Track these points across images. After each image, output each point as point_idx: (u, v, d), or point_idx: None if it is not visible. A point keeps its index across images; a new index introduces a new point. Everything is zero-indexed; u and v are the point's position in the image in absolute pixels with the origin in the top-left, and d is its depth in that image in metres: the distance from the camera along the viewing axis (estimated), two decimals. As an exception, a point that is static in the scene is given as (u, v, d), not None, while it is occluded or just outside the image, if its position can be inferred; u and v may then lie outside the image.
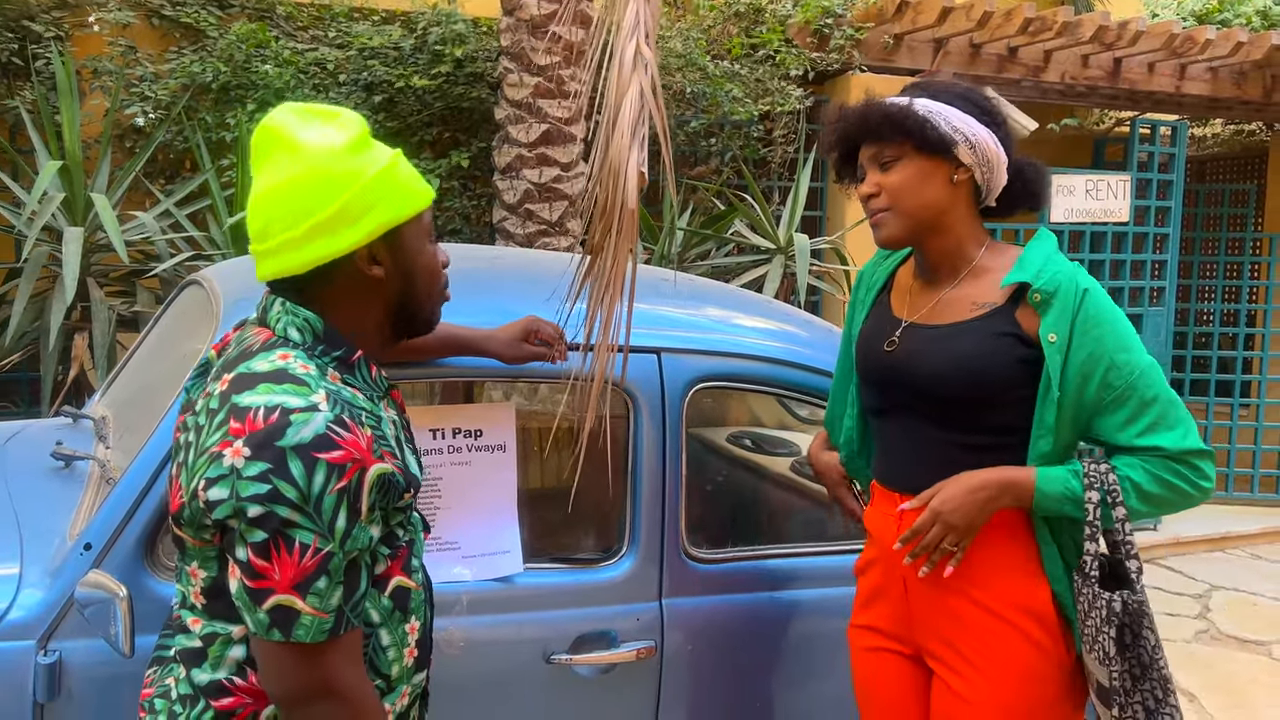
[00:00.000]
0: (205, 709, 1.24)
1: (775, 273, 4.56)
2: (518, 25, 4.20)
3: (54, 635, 1.62)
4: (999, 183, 1.66)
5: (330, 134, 1.25)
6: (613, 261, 1.55)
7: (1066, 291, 1.56)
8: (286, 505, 1.11)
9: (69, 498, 1.90)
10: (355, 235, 1.24)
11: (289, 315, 1.26)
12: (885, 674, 1.78)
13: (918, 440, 1.69)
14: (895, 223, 1.66)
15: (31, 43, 4.14)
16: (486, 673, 1.85)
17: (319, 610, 1.14)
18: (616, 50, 1.56)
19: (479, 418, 1.90)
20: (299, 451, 1.12)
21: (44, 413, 3.59)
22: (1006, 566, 1.63)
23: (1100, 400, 1.56)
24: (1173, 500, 1.58)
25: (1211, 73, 6.17)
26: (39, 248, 3.62)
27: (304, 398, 1.15)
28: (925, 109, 1.61)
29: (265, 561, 1.12)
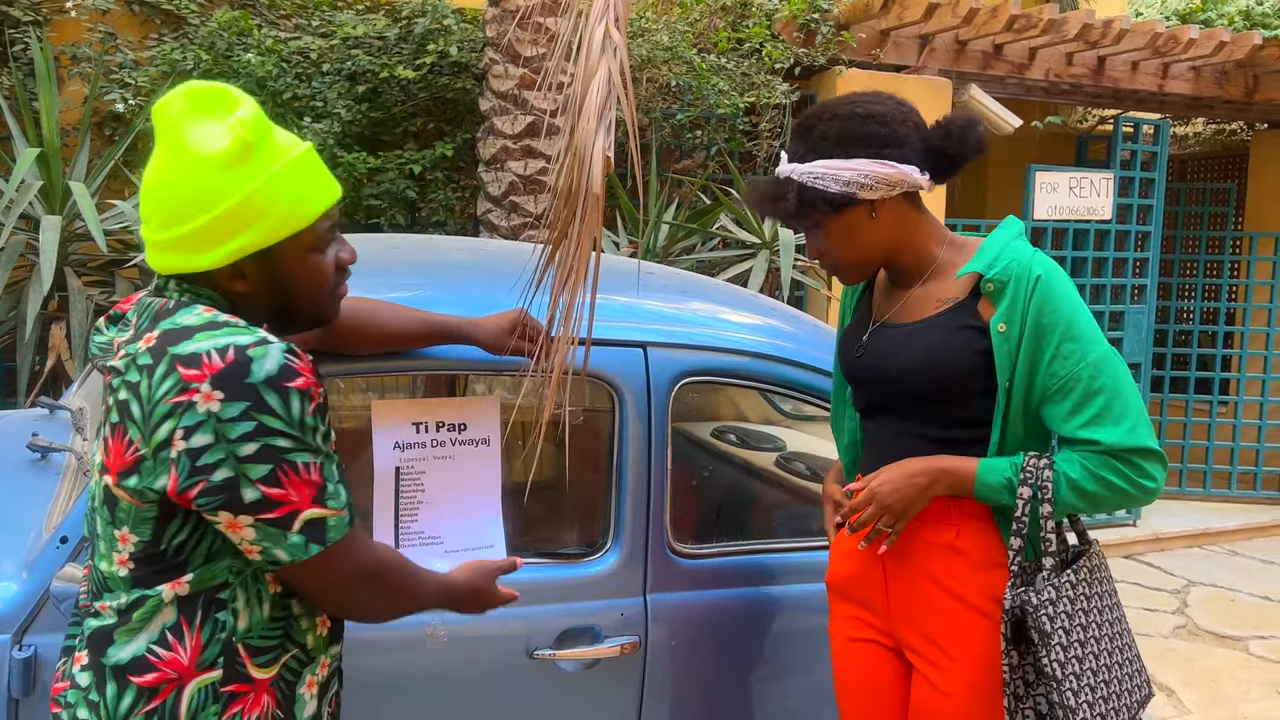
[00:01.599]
0: (126, 688, 1.21)
1: (760, 267, 4.55)
2: (503, 16, 4.18)
3: (30, 630, 1.59)
4: (920, 181, 1.64)
5: (214, 138, 1.19)
6: (576, 247, 1.52)
7: (1019, 279, 1.57)
8: (278, 435, 1.16)
9: (45, 490, 1.88)
10: (217, 255, 1.21)
11: (190, 294, 1.26)
12: (865, 664, 1.80)
13: (892, 435, 1.72)
14: (850, 271, 1.73)
15: (9, 28, 4.09)
16: (469, 668, 1.83)
17: (338, 509, 1.23)
18: (585, 35, 1.54)
19: (463, 411, 1.88)
20: (271, 384, 1.16)
21: (20, 403, 3.55)
22: (979, 559, 1.66)
23: (1045, 389, 1.57)
24: (1109, 498, 1.56)
25: (1194, 72, 6.20)
26: (15, 236, 3.58)
27: (251, 334, 1.18)
28: (811, 177, 1.61)
29: (280, 490, 1.17)
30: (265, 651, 1.27)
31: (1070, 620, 1.59)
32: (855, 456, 1.89)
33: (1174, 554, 6.00)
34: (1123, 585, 5.40)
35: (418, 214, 4.64)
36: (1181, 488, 6.87)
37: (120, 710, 1.21)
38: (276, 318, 1.32)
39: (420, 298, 1.89)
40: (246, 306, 1.29)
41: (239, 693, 1.25)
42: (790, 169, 1.65)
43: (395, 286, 1.95)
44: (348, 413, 2.56)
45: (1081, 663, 1.59)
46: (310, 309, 1.34)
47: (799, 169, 1.63)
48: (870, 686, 1.79)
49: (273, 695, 1.29)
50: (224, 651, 1.23)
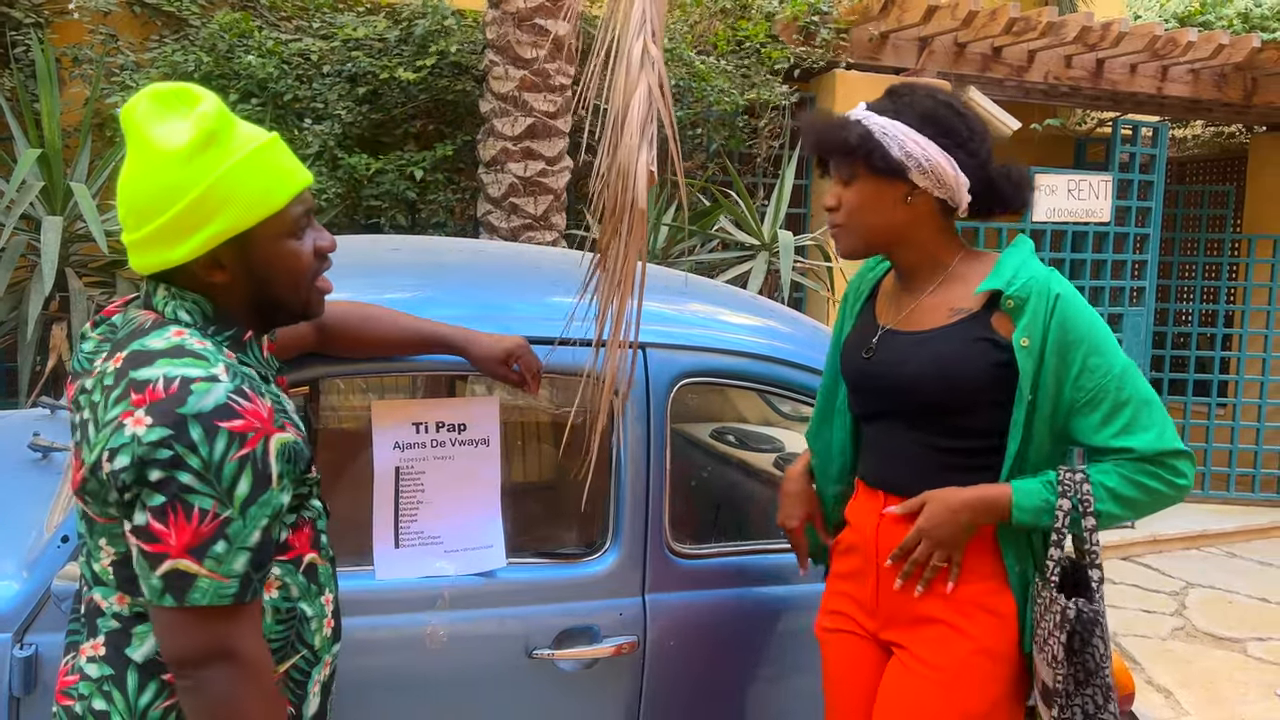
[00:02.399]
0: (148, 682, 1.23)
1: (759, 269, 4.56)
2: (504, 18, 4.19)
3: (31, 628, 1.60)
4: (962, 198, 1.67)
5: (176, 132, 1.20)
6: (623, 261, 1.55)
7: (1039, 297, 1.59)
8: (187, 471, 1.12)
9: (46, 489, 1.88)
10: (189, 246, 1.21)
11: (175, 300, 1.26)
12: (849, 656, 1.81)
13: (900, 443, 1.72)
14: (849, 238, 1.72)
15: (10, 29, 4.10)
16: (469, 667, 1.84)
17: (217, 574, 1.14)
18: (622, 49, 1.55)
19: (463, 411, 1.89)
20: (200, 419, 1.13)
21: (21, 404, 3.55)
22: (973, 569, 1.66)
23: (1074, 402, 1.59)
24: (1148, 502, 1.60)
25: (1193, 75, 6.21)
26: (17, 237, 3.58)
27: (204, 369, 1.16)
28: (881, 130, 1.62)
29: (162, 525, 1.12)
30: (275, 652, 1.29)
31: (1107, 633, 1.62)
32: (844, 463, 1.88)
33: (1172, 556, 6.01)
34: (1121, 587, 5.40)
35: (418, 215, 4.65)
36: (1180, 490, 6.87)
37: (141, 703, 1.23)
38: (260, 310, 1.31)
39: (420, 299, 1.90)
40: (229, 302, 1.28)
41: None
42: (864, 114, 1.65)
43: (394, 288, 1.96)
44: (348, 413, 2.56)
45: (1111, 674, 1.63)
46: (291, 298, 1.32)
47: (874, 118, 1.64)
48: (854, 678, 1.80)
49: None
50: None
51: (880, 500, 1.74)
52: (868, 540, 1.75)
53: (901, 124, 1.62)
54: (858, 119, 1.66)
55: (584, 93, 1.56)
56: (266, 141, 1.26)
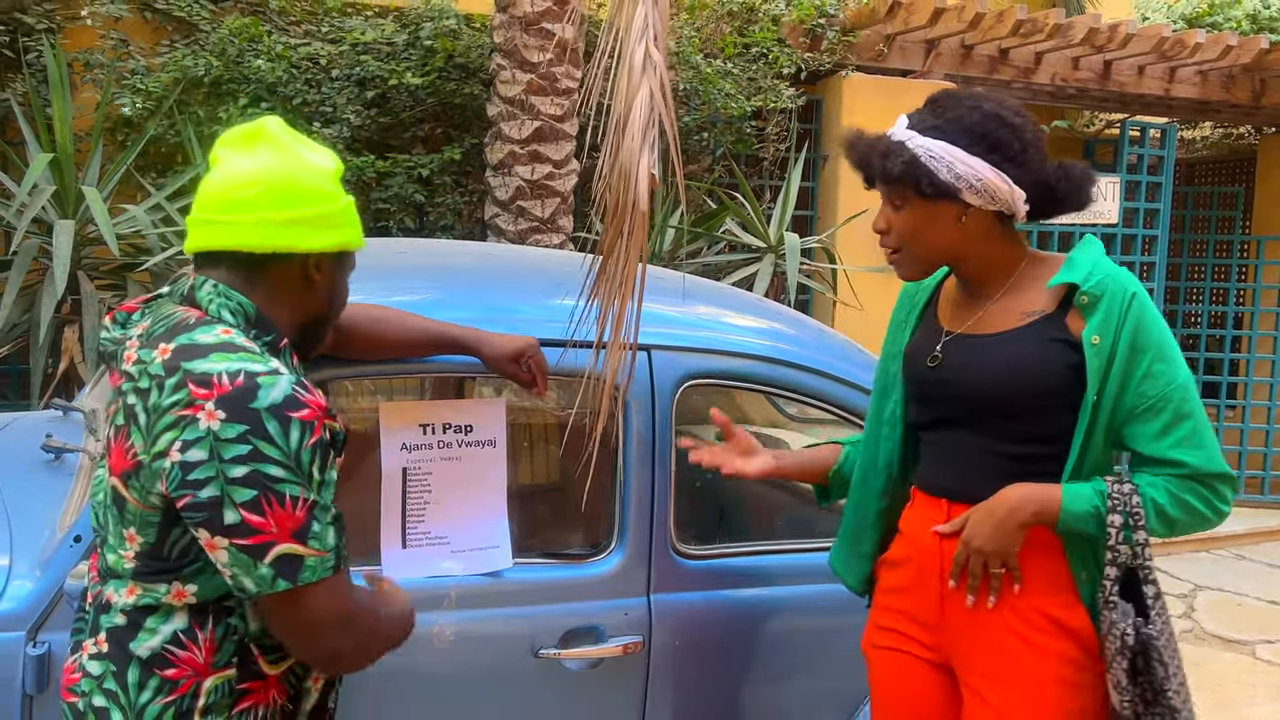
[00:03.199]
0: (148, 679, 1.26)
1: (765, 271, 4.57)
2: (511, 22, 4.21)
3: (43, 627, 1.62)
4: (1019, 209, 1.61)
5: (324, 157, 1.40)
6: (624, 263, 1.57)
7: (1114, 294, 1.54)
8: (271, 463, 1.18)
9: (59, 490, 1.91)
10: (323, 241, 1.35)
11: (221, 298, 1.31)
12: (905, 677, 1.73)
13: (964, 450, 1.66)
14: (908, 264, 1.66)
15: (23, 35, 4.13)
16: (475, 666, 1.86)
17: (320, 550, 1.22)
18: (625, 53, 1.57)
19: (470, 413, 1.90)
20: (273, 412, 1.19)
21: (33, 405, 3.58)
22: (1044, 582, 1.60)
23: (1134, 408, 1.54)
24: (1188, 522, 1.55)
25: (1201, 76, 6.20)
26: (29, 240, 3.61)
27: (263, 364, 1.23)
28: (927, 154, 1.56)
29: (260, 517, 1.18)
30: (277, 649, 1.32)
31: (1175, 652, 1.57)
32: (890, 476, 1.80)
33: (1181, 558, 5.99)
34: (1129, 589, 5.39)
35: (426, 218, 4.67)
36: (1189, 492, 6.85)
37: (140, 700, 1.25)
38: (307, 328, 1.42)
39: (427, 301, 1.92)
40: (291, 304, 1.37)
41: (251, 689, 1.30)
42: (909, 135, 1.59)
43: (402, 290, 1.98)
44: (356, 414, 2.58)
45: (1183, 690, 1.58)
46: (327, 327, 1.48)
47: (919, 140, 1.58)
48: (909, 701, 1.73)
49: (281, 689, 1.34)
50: (238, 651, 1.29)
51: (943, 509, 1.68)
52: (927, 552, 1.68)
53: (948, 144, 1.56)
54: (901, 141, 1.59)
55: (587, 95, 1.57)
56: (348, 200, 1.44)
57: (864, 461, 1.85)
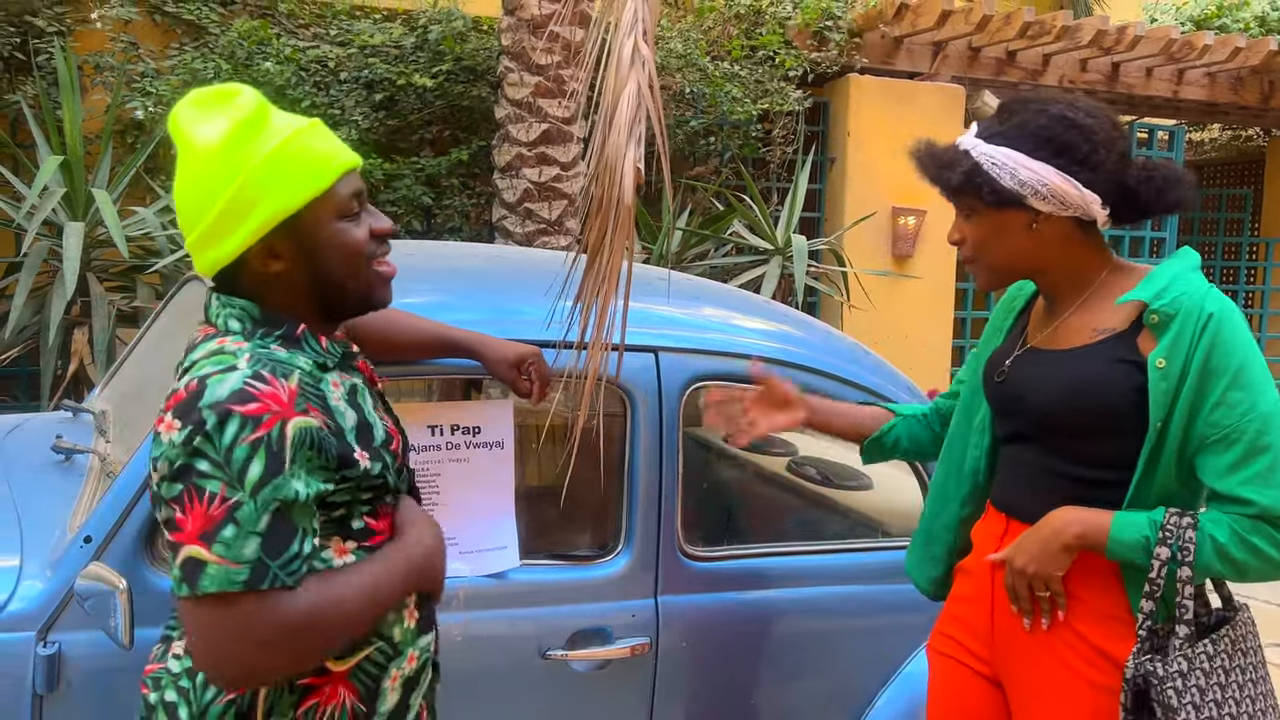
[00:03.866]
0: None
1: (773, 273, 4.58)
2: (518, 25, 4.22)
3: (54, 627, 1.63)
4: (1096, 213, 1.53)
5: (214, 128, 1.21)
6: (609, 258, 1.55)
7: (1188, 315, 1.44)
8: (202, 458, 1.11)
9: (69, 490, 1.91)
10: (241, 236, 1.21)
11: (226, 308, 1.28)
12: (958, 686, 1.71)
13: (1029, 467, 1.62)
14: (984, 272, 1.61)
15: (34, 37, 4.16)
16: (483, 667, 1.86)
17: (226, 559, 1.10)
18: (614, 48, 1.56)
19: (477, 414, 1.91)
20: (214, 407, 1.12)
21: (43, 407, 3.60)
22: (1094, 609, 1.54)
23: (1205, 437, 1.43)
24: (1259, 568, 1.42)
25: (1209, 78, 6.19)
26: (39, 242, 3.63)
27: (225, 363, 1.17)
28: (989, 161, 1.51)
29: (180, 514, 1.11)
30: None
31: (1203, 695, 1.45)
32: (975, 485, 1.75)
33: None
34: (1137, 592, 5.36)
35: (433, 220, 4.68)
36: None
37: (205, 698, 1.25)
38: (323, 301, 1.30)
39: (434, 303, 1.93)
40: (288, 297, 1.28)
41: (313, 685, 1.25)
42: (972, 143, 1.54)
43: (409, 292, 1.98)
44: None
45: None
46: (351, 281, 1.30)
47: (981, 146, 1.53)
48: (958, 709, 1.71)
49: (351, 688, 1.27)
50: None
51: (1003, 524, 1.64)
52: (984, 567, 1.65)
53: (1011, 150, 1.51)
54: (965, 150, 1.54)
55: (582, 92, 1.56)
56: (306, 126, 1.26)
57: (948, 464, 1.81)
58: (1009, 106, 1.58)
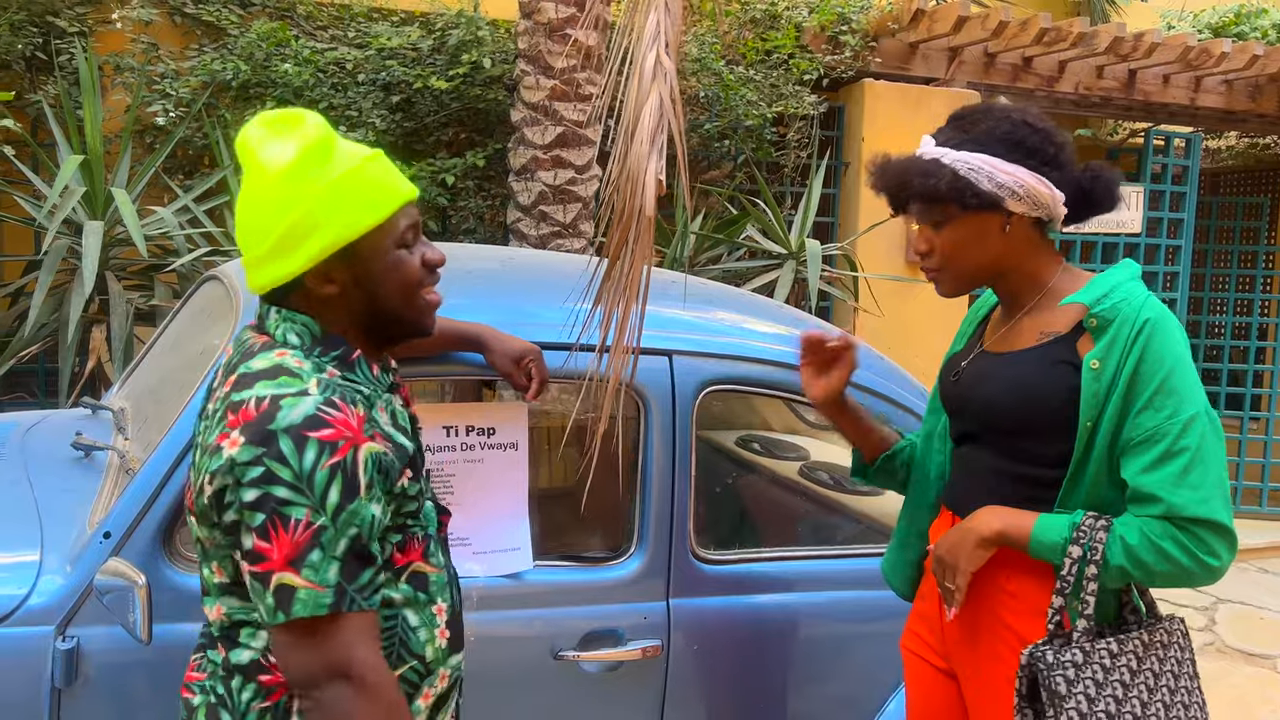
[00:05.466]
0: (247, 682, 1.27)
1: (786, 278, 4.58)
2: (535, 28, 4.23)
3: (72, 621, 1.65)
4: (1059, 211, 1.61)
5: (284, 151, 1.24)
6: (630, 267, 1.57)
7: (1125, 320, 1.49)
8: (281, 485, 1.13)
9: (89, 487, 1.94)
10: (301, 259, 1.24)
11: (286, 321, 1.30)
12: (923, 682, 1.79)
13: (977, 467, 1.68)
14: (951, 281, 1.65)
15: (55, 38, 4.19)
16: (496, 667, 1.87)
17: (314, 583, 1.13)
18: (636, 59, 1.58)
19: (492, 416, 1.92)
20: (289, 432, 1.14)
21: (61, 404, 3.63)
22: (1026, 604, 1.59)
23: (1130, 439, 1.48)
24: (1167, 572, 1.45)
25: (1227, 85, 6.16)
26: (59, 241, 3.66)
27: (296, 386, 1.19)
28: (967, 167, 1.55)
29: (266, 543, 1.13)
30: None
31: (1099, 689, 1.48)
32: (941, 488, 1.81)
33: (1202, 570, 5.94)
34: (1150, 601, 5.35)
35: (448, 222, 4.70)
36: (1211, 504, 6.79)
37: (242, 701, 1.27)
38: (372, 327, 1.32)
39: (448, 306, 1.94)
40: (340, 320, 1.30)
41: None
42: (941, 152, 1.58)
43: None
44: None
45: None
46: (403, 310, 1.33)
47: (953, 154, 1.57)
48: (922, 705, 1.79)
49: None
50: None
51: (950, 522, 1.70)
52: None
53: (986, 155, 1.56)
54: (935, 159, 1.58)
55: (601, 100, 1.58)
56: (370, 155, 1.29)
57: (919, 471, 1.86)
58: (967, 115, 1.63)
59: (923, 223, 1.64)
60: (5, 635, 1.62)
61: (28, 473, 2.06)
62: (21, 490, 1.96)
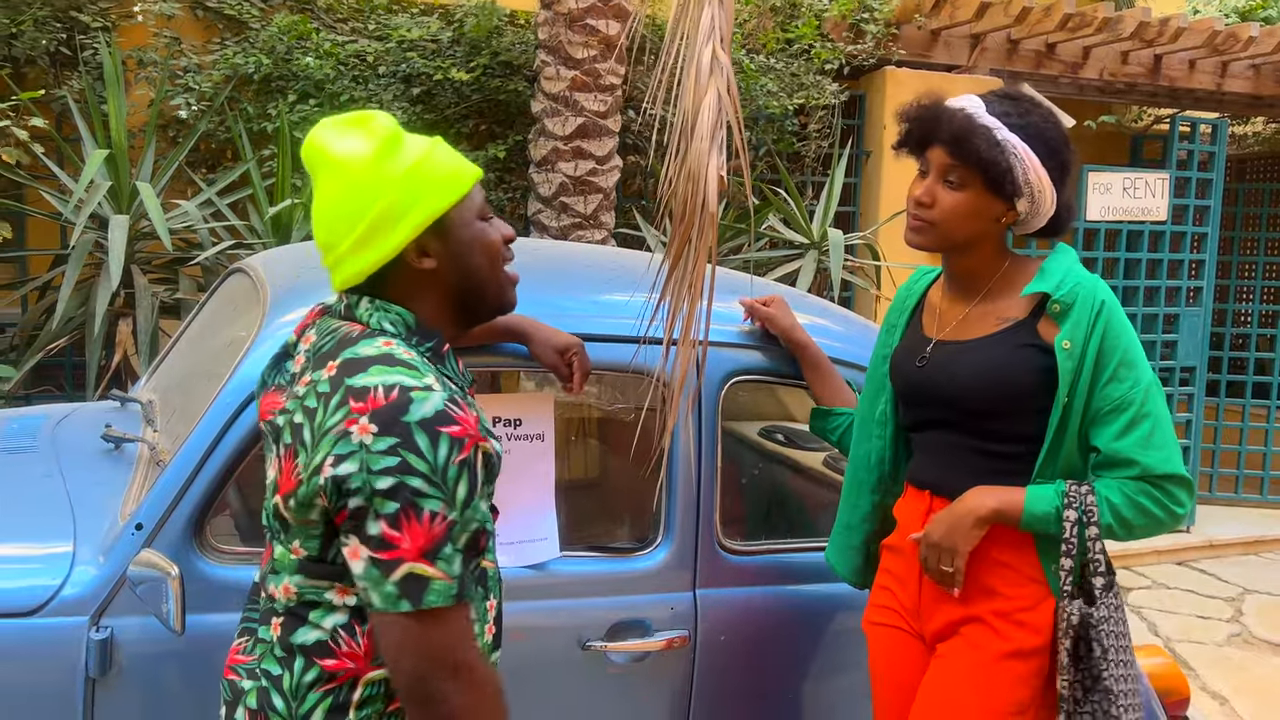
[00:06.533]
0: (310, 666, 1.28)
1: (809, 268, 4.56)
2: (555, 19, 4.23)
3: (106, 612, 1.66)
4: (1035, 225, 1.71)
5: (360, 144, 1.30)
6: (694, 264, 1.58)
7: (1084, 302, 1.61)
8: (417, 476, 1.16)
9: (119, 479, 1.95)
10: (398, 236, 1.29)
11: (380, 311, 1.32)
12: (896, 651, 1.83)
13: (946, 447, 1.75)
14: (934, 237, 1.70)
15: (79, 33, 4.22)
16: (523, 657, 1.88)
17: (447, 575, 1.18)
18: (691, 55, 1.57)
19: (518, 407, 1.93)
20: (424, 426, 1.17)
21: (88, 397, 3.66)
22: (1014, 573, 1.68)
23: (1099, 410, 1.61)
24: (1143, 525, 1.61)
25: (1254, 70, 6.08)
26: (85, 235, 3.69)
27: (417, 378, 1.21)
28: (1013, 151, 1.61)
29: (397, 532, 1.16)
30: None
31: (1118, 639, 1.63)
32: (881, 474, 1.88)
33: (1229, 561, 5.89)
34: (1176, 592, 5.32)
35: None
36: (1237, 494, 6.74)
37: (303, 684, 1.27)
38: (463, 303, 1.37)
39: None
40: (434, 301, 1.34)
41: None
42: (995, 125, 1.62)
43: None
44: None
45: (1126, 681, 1.63)
46: (491, 283, 1.39)
47: (1006, 134, 1.62)
48: (901, 673, 1.82)
49: None
50: None
51: (926, 501, 1.77)
52: (911, 544, 1.77)
53: (1029, 149, 1.62)
54: (990, 129, 1.61)
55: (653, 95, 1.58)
56: (435, 141, 1.36)
57: (856, 458, 1.93)
58: (1021, 100, 1.68)
59: (936, 174, 1.68)
60: (41, 625, 1.64)
61: (59, 465, 2.08)
62: (54, 482, 1.98)
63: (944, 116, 1.66)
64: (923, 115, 1.70)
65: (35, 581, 1.66)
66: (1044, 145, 1.63)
